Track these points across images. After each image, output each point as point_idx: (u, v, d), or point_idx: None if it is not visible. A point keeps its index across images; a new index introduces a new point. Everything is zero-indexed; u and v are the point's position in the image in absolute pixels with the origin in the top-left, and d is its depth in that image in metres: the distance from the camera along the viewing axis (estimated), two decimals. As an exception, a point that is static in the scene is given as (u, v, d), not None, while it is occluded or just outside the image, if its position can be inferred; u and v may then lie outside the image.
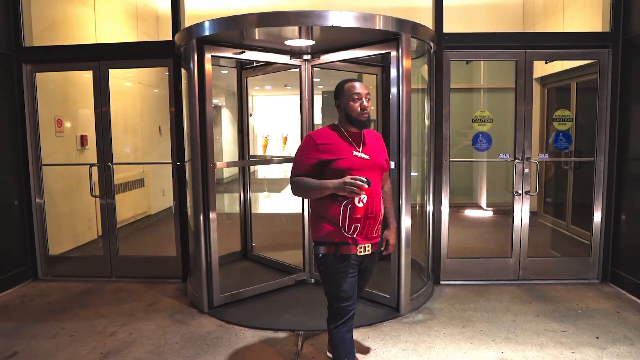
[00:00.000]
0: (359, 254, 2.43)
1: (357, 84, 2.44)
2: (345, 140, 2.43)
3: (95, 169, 4.59)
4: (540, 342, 3.20)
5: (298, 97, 4.29)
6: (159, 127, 7.78)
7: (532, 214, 6.66)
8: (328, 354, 2.93)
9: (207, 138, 3.63)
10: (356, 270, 2.48)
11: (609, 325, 3.43)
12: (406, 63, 3.49)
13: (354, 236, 2.40)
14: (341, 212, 2.35)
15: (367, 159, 2.41)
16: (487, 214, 7.62)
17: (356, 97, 2.40)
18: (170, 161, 4.47)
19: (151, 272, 4.62)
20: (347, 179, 2.23)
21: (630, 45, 4.03)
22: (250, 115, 9.55)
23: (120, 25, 6.53)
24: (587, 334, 3.31)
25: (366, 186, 2.21)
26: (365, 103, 2.41)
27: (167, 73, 4.40)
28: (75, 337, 3.38)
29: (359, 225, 2.38)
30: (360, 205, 2.26)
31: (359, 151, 2.41)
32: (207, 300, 3.77)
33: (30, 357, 3.09)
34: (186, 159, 4.25)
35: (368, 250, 2.46)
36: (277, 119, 16.61)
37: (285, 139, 20.57)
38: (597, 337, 3.25)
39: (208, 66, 3.61)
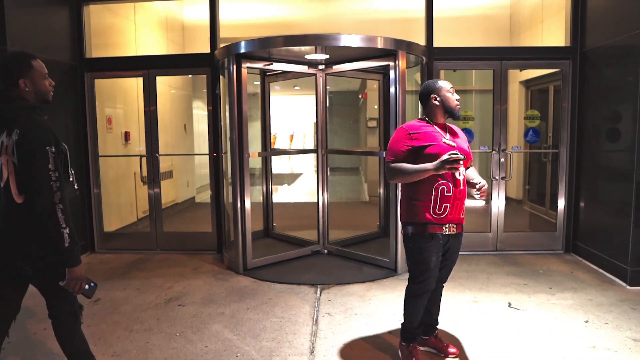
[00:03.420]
0: (445, 233, 2.67)
1: (447, 81, 2.75)
2: (434, 130, 2.70)
3: (144, 159, 5.51)
4: (506, 291, 4.11)
5: (304, 97, 5.23)
6: (184, 125, 8.74)
7: (517, 202, 7.60)
8: (419, 348, 3.04)
9: (243, 132, 4.55)
10: (441, 249, 2.71)
11: (561, 281, 4.35)
12: (402, 73, 4.40)
13: (443, 216, 2.65)
14: (433, 193, 2.61)
15: (454, 146, 2.64)
16: (480, 203, 8.47)
17: (452, 91, 2.73)
18: (207, 152, 5.40)
19: (190, 245, 5.54)
20: (445, 156, 2.46)
21: (586, 57, 4.93)
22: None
23: (153, 34, 7.47)
24: (543, 285, 4.22)
25: (463, 158, 2.45)
26: (457, 96, 2.73)
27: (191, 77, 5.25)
28: (142, 290, 4.31)
29: (448, 205, 2.62)
30: (461, 177, 2.55)
31: (447, 139, 2.68)
32: (242, 263, 4.69)
33: (111, 302, 4.02)
34: (223, 150, 5.17)
35: (453, 230, 2.69)
36: (286, 117, 17.51)
37: (292, 136, 21.51)
38: (550, 288, 4.16)
39: (244, 75, 4.53)
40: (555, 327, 3.39)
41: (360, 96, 11.14)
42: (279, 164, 16.31)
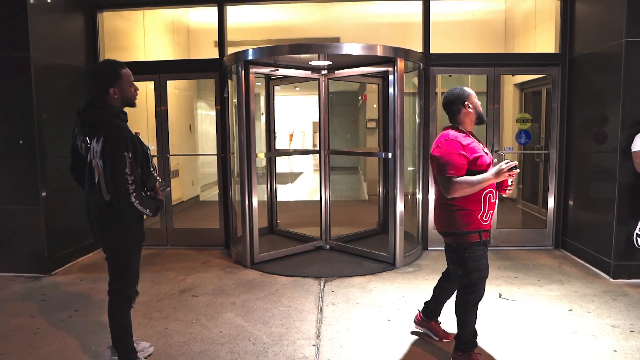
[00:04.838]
0: (489, 238, 2.79)
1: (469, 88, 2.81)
2: (473, 139, 2.72)
3: (155, 159, 5.79)
4: (497, 283, 4.40)
5: (304, 97, 5.52)
6: (190, 125, 9.00)
7: (512, 200, 7.89)
8: (416, 328, 3.42)
9: (251, 134, 4.83)
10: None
11: (550, 274, 4.64)
12: (400, 78, 4.68)
13: (488, 222, 2.70)
14: (482, 201, 2.64)
15: (488, 153, 2.73)
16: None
17: (477, 98, 2.80)
18: (216, 153, 5.67)
19: (199, 241, 5.82)
20: (503, 165, 2.52)
21: (574, 63, 5.22)
22: (262, 114, 10.73)
23: (161, 37, 7.74)
24: (532, 278, 4.51)
25: (517, 164, 2.53)
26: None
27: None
28: (156, 282, 4.58)
29: (492, 211, 2.70)
30: (510, 182, 2.60)
31: (482, 147, 2.73)
32: (250, 258, 4.98)
33: (128, 292, 4.29)
34: (231, 151, 5.45)
35: (489, 236, 2.82)
36: (286, 117, 17.76)
37: (291, 135, 21.80)
38: (539, 280, 4.46)
39: (252, 80, 4.80)
40: (541, 315, 3.68)
41: (360, 98, 11.43)
42: (278, 163, 16.56)
